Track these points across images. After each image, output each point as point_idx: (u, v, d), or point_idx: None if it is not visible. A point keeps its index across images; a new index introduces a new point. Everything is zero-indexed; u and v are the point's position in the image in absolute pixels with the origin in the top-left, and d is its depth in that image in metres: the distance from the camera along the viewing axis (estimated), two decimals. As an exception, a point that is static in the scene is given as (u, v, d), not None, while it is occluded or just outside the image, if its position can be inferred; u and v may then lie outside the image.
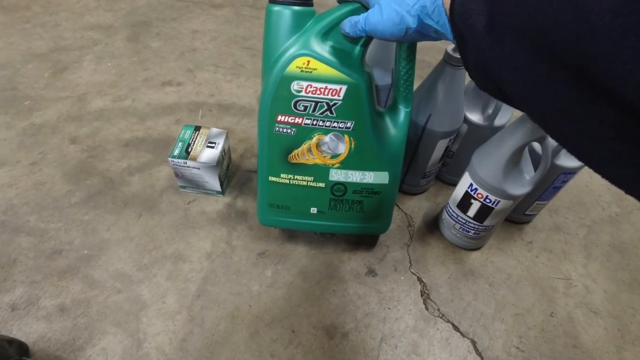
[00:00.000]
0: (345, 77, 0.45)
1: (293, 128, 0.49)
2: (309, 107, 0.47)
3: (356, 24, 0.40)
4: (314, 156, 0.52)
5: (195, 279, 0.58)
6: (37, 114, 0.81)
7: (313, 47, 0.44)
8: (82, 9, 1.15)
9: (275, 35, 0.46)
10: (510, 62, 0.23)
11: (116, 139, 0.78)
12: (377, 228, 0.61)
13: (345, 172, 0.53)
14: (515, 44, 0.22)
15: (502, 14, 0.22)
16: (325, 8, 0.45)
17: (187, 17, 1.16)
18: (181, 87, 0.92)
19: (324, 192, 0.55)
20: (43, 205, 0.65)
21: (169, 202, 0.68)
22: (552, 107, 0.21)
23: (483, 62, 0.25)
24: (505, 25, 0.22)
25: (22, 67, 0.93)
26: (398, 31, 0.35)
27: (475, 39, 0.25)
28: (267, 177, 0.54)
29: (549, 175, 0.59)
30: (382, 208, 0.58)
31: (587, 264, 0.66)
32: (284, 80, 0.46)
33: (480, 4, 0.24)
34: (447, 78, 0.56)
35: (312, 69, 0.45)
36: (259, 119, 0.50)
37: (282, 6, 0.44)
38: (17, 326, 0.52)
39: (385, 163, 0.53)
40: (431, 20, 0.32)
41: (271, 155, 0.52)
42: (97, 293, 0.56)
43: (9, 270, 0.57)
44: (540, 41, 0.20)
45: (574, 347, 0.56)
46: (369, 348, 0.54)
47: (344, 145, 0.51)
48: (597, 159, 0.20)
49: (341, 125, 0.49)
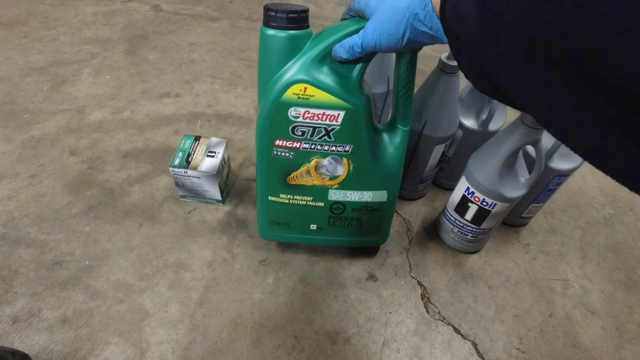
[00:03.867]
0: (343, 103, 0.45)
1: (291, 152, 0.49)
2: (306, 132, 0.47)
3: (352, 48, 0.39)
4: (312, 178, 0.52)
5: (197, 288, 0.59)
6: (37, 126, 0.82)
7: (310, 73, 0.43)
8: (79, 23, 1.16)
9: (271, 59, 0.44)
10: (506, 63, 0.22)
11: (115, 150, 0.79)
12: (376, 241, 0.62)
13: (344, 192, 0.54)
14: (510, 44, 0.21)
15: (493, 13, 0.22)
16: (320, 19, 0.46)
17: (183, 30, 1.18)
18: (179, 98, 0.93)
19: (323, 211, 0.56)
20: (43, 217, 0.66)
21: (169, 211, 0.69)
22: (553, 106, 0.20)
23: (479, 63, 0.25)
24: (498, 24, 0.22)
25: (20, 81, 0.93)
26: (394, 42, 0.35)
27: (469, 40, 0.24)
28: (267, 197, 0.55)
29: (543, 178, 0.60)
30: (380, 223, 0.59)
31: (584, 265, 0.68)
32: (281, 106, 0.45)
33: (470, 5, 0.23)
34: (442, 85, 0.58)
35: (309, 96, 0.44)
36: (256, 141, 0.49)
37: (277, 30, 0.42)
38: (18, 338, 0.52)
39: (384, 182, 0.53)
40: (424, 26, 0.32)
41: (270, 176, 0.52)
42: (99, 303, 0.56)
43: (10, 282, 0.57)
44: (535, 38, 0.19)
45: (573, 347, 0.57)
46: (371, 352, 0.54)
47: (342, 168, 0.51)
48: (602, 157, 0.20)
49: (339, 149, 0.49)
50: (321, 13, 1.30)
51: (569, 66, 0.18)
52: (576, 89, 0.18)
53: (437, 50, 0.49)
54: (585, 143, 0.20)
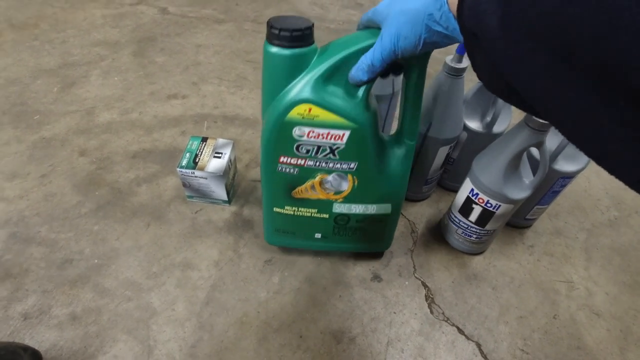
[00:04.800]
0: (348, 123, 0.44)
1: (296, 168, 0.49)
2: (311, 150, 0.47)
3: (372, 65, 0.38)
4: (317, 192, 0.52)
5: (203, 287, 0.59)
6: (47, 127, 0.83)
7: (315, 93, 0.42)
8: (89, 26, 1.18)
9: (274, 76, 0.43)
10: (526, 63, 0.22)
11: (124, 150, 0.80)
12: (379, 247, 0.63)
13: (348, 205, 0.54)
14: (532, 44, 0.21)
15: (516, 13, 0.21)
16: (326, 22, 0.47)
17: (190, 32, 1.19)
18: (186, 100, 0.94)
19: (327, 222, 0.57)
20: (53, 216, 0.67)
21: (176, 211, 0.69)
22: (571, 109, 0.20)
23: (497, 63, 0.24)
24: (521, 25, 0.21)
25: (31, 82, 0.95)
26: (411, 45, 0.35)
27: (489, 40, 0.24)
28: (272, 208, 0.56)
29: (547, 180, 0.61)
30: (384, 232, 0.59)
31: (588, 267, 0.68)
32: (285, 125, 0.44)
33: (492, 4, 0.23)
34: (447, 87, 0.58)
35: (314, 116, 0.43)
36: (261, 156, 0.49)
37: (280, 48, 0.40)
38: (29, 335, 0.53)
39: (388, 196, 0.54)
40: (440, 26, 0.32)
41: (275, 190, 0.53)
42: (108, 301, 0.57)
43: (21, 280, 0.58)
44: (559, 40, 0.19)
45: (577, 349, 0.57)
46: (375, 352, 0.54)
47: (347, 184, 0.51)
48: (618, 162, 0.20)
49: (344, 166, 0.48)
50: (326, 16, 1.31)
51: (593, 69, 0.18)
52: (600, 92, 0.18)
53: (443, 52, 0.50)
54: (599, 146, 0.20)
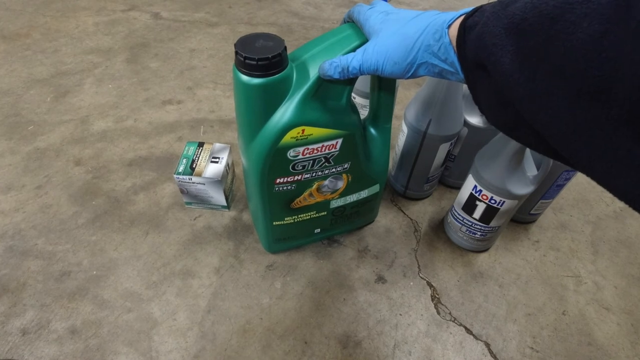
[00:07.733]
0: (340, 132, 0.45)
1: (293, 184, 0.50)
2: (307, 165, 0.47)
3: (347, 69, 0.35)
4: (315, 198, 0.54)
5: (205, 295, 0.58)
6: (41, 138, 0.82)
7: (305, 114, 0.41)
8: (81, 34, 1.17)
9: (250, 105, 0.41)
10: (545, 101, 0.20)
11: (120, 159, 0.79)
12: (370, 219, 0.67)
13: (344, 198, 0.57)
14: (551, 82, 0.19)
15: (532, 51, 0.20)
16: (320, 22, 0.46)
17: (184, 37, 1.18)
18: (182, 105, 0.93)
19: (325, 217, 0.59)
20: (50, 228, 0.66)
21: (175, 218, 0.68)
22: (597, 147, 0.19)
23: (511, 99, 0.23)
24: (538, 62, 0.20)
25: (24, 93, 0.94)
26: (399, 71, 0.32)
27: (501, 75, 0.22)
28: (272, 223, 0.56)
29: (551, 174, 0.59)
30: (374, 206, 0.64)
31: (595, 261, 0.66)
32: (280, 150, 0.43)
33: (503, 39, 0.21)
34: (445, 83, 0.57)
35: (307, 135, 0.43)
36: (253, 182, 0.48)
37: (249, 77, 0.38)
38: (28, 351, 0.52)
39: (376, 177, 0.56)
40: (437, 59, 0.29)
41: (273, 208, 0.53)
42: (108, 313, 0.56)
43: (19, 295, 0.57)
44: (584, 82, 0.18)
45: (588, 345, 0.56)
46: (382, 355, 0.53)
47: (342, 182, 0.53)
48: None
49: (339, 169, 0.50)
50: (320, 15, 1.30)
51: (622, 106, 0.17)
52: (626, 129, 0.17)
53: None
54: (628, 184, 0.19)
